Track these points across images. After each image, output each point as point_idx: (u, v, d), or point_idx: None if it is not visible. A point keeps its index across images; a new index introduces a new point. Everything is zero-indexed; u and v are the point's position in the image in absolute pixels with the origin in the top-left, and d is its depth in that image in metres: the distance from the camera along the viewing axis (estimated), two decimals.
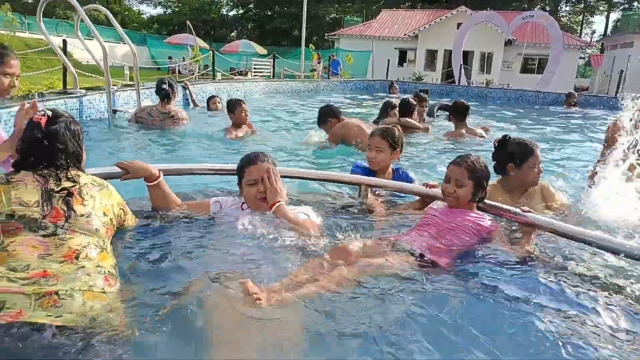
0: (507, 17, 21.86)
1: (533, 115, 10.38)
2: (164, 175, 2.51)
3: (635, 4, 42.77)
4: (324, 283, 1.86)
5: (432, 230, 2.34)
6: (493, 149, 2.95)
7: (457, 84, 17.54)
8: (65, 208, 1.81)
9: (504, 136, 2.96)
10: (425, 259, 2.13)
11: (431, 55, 30.12)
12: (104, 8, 6.16)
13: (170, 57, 23.57)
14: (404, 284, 1.90)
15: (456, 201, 2.43)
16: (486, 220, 2.40)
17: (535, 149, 2.85)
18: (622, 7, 43.68)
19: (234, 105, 5.48)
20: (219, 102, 7.31)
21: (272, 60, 14.15)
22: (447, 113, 6.52)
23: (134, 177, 2.45)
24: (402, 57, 31.41)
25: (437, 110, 7.73)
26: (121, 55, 17.81)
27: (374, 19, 35.52)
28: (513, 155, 2.82)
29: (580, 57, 34.18)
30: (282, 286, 1.80)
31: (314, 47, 19.67)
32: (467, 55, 26.97)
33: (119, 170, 2.43)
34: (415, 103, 6.07)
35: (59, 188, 1.85)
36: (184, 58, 21.97)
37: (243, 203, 2.44)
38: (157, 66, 20.38)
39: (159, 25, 48.77)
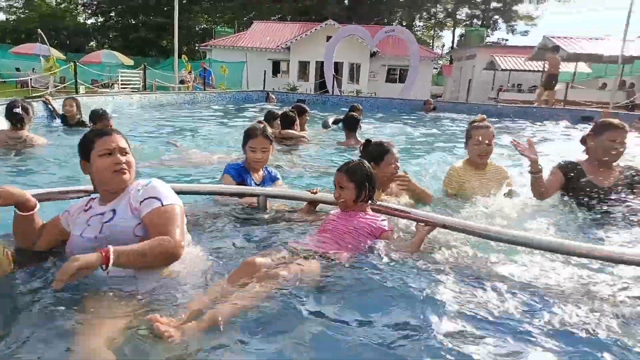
0: (371, 31, 23.49)
1: (404, 118, 11.37)
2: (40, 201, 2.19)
3: (475, 20, 48.96)
4: (238, 302, 1.80)
5: (332, 234, 2.47)
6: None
7: (330, 93, 18.30)
8: None
9: (367, 140, 3.37)
10: (329, 258, 2.21)
11: (303, 66, 31.06)
12: None
13: (18, 69, 20.99)
14: (313, 287, 1.95)
15: (344, 204, 2.60)
16: (380, 222, 2.55)
17: (391, 148, 3.26)
18: (464, 23, 49.68)
19: (97, 118, 5.06)
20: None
21: (142, 71, 13.34)
22: (340, 125, 6.89)
23: (5, 204, 2.01)
24: (276, 68, 31.89)
25: (332, 122, 8.07)
26: None
27: (245, 30, 35.56)
28: (373, 155, 3.20)
29: (434, 68, 38.01)
30: (192, 314, 1.70)
31: (187, 58, 19.00)
32: (337, 66, 28.33)
33: None
34: (294, 114, 6.21)
35: None
36: (33, 70, 19.71)
37: (90, 200, 2.16)
38: (1, 79, 17.89)
39: (1, 33, 43.14)
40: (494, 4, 48.25)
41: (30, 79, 14.83)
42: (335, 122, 8.06)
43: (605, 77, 23.95)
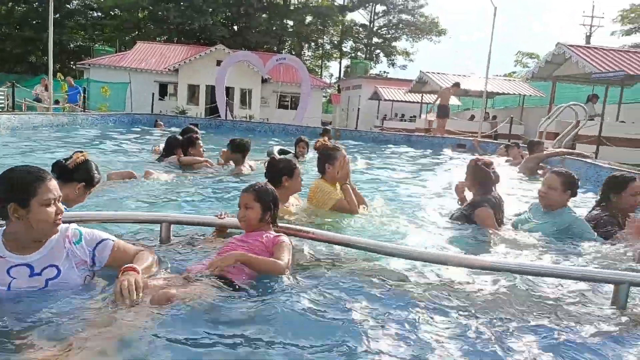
0: (262, 58, 23.77)
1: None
2: None
3: (359, 53, 52.16)
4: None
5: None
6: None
7: (224, 118, 18.03)
8: None
9: (272, 157, 3.81)
10: (226, 280, 2.19)
11: (192, 89, 30.29)
12: None
13: None
14: (213, 308, 1.94)
15: (248, 224, 2.61)
16: (278, 237, 2.55)
17: (297, 165, 3.67)
18: (349, 55, 52.68)
19: None
20: None
21: (10, 88, 11.89)
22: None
23: None
24: (163, 90, 30.70)
25: (277, 152, 7.75)
26: None
27: (128, 50, 33.78)
28: (282, 170, 3.52)
29: (324, 96, 39.58)
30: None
31: (63, 76, 17.37)
32: (228, 91, 28.08)
33: None
34: (180, 138, 5.97)
35: None
36: None
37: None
38: None
39: None
40: (375, 39, 51.95)
41: None
42: (282, 152, 7.73)
43: (472, 109, 26.93)
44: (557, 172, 3.63)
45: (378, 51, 52.89)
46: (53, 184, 1.95)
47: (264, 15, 46.93)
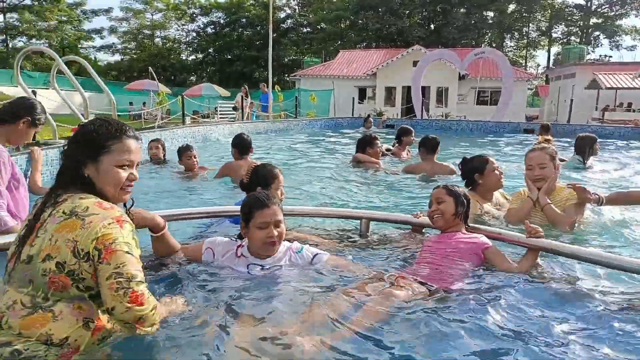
0: (459, 54, 23.06)
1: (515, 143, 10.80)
2: (168, 221, 2.46)
3: (573, 38, 46.12)
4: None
5: (429, 260, 2.46)
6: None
7: (419, 118, 18.14)
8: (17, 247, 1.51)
9: (464, 157, 3.72)
10: (432, 287, 2.21)
11: (389, 91, 31.17)
12: (81, 59, 6.12)
13: (131, 103, 23.38)
14: (417, 314, 1.96)
15: (442, 219, 2.61)
16: (480, 239, 2.53)
17: (490, 158, 3.57)
18: (560, 41, 46.99)
19: (180, 152, 5.43)
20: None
21: (241, 100, 14.27)
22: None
23: (139, 227, 2.25)
24: (362, 94, 32.35)
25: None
26: (78, 104, 17.39)
27: (332, 59, 36.60)
28: (473, 168, 3.53)
29: (528, 88, 36.22)
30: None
31: (279, 88, 19.95)
32: (424, 91, 28.05)
33: None
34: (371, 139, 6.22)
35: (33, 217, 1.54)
36: (144, 104, 21.78)
37: (238, 247, 2.41)
38: (118, 113, 20.04)
39: (117, 72, 48.47)
40: (593, 20, 45.19)
41: (143, 112, 16.49)
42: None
43: None
44: None
45: (597, 33, 45.82)
46: (270, 210, 2.30)
47: (461, 10, 45.33)
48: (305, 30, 52.66)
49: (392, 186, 5.10)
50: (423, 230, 3.00)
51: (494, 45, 44.85)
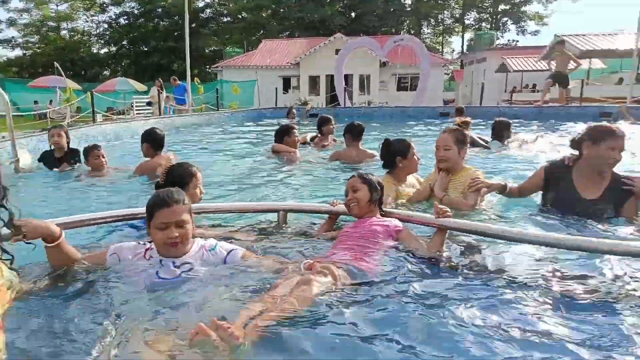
0: (379, 41, 23.56)
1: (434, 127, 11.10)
2: (65, 229, 2.24)
3: (484, 24, 48.81)
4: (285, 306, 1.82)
5: (346, 244, 2.49)
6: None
7: (342, 106, 18.34)
8: None
9: (386, 139, 3.71)
10: (350, 267, 2.20)
11: (314, 80, 31.28)
12: None
13: (36, 102, 21.53)
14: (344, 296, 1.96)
15: (357, 207, 2.69)
16: (394, 222, 2.63)
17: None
18: (473, 28, 49.56)
19: (86, 152, 5.10)
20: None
21: (156, 96, 13.58)
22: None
23: (31, 239, 2.07)
24: (286, 84, 32.23)
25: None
26: None
27: (255, 49, 36.04)
28: (396, 151, 3.56)
29: (445, 73, 37.92)
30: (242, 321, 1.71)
31: (199, 81, 19.28)
32: (347, 78, 28.44)
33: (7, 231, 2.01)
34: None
35: None
36: (50, 101, 20.15)
37: (147, 250, 2.26)
38: (19, 113, 18.25)
39: (18, 68, 44.54)
40: (502, 7, 48.07)
41: (49, 111, 15.21)
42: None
43: (621, 71, 23.53)
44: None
45: (505, 19, 48.87)
46: (170, 210, 2.16)
47: None
48: (225, 20, 51.34)
49: (314, 175, 5.07)
50: (339, 219, 2.98)
51: (412, 32, 46.39)
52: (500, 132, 6.55)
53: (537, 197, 3.39)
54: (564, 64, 13.00)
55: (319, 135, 7.35)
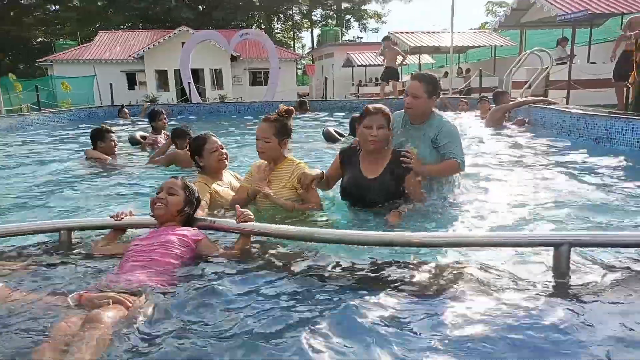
0: (227, 36, 22.99)
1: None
2: None
3: (330, 20, 51.01)
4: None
5: (137, 260, 2.17)
6: None
7: (190, 102, 17.52)
8: None
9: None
10: (136, 290, 1.94)
11: (162, 75, 29.49)
12: None
13: None
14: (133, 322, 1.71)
15: (164, 209, 2.42)
16: (190, 230, 2.41)
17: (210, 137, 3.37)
18: (320, 24, 51.49)
19: None
20: None
21: None
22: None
23: None
24: (132, 79, 29.89)
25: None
26: None
27: (90, 41, 32.68)
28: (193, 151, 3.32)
29: (298, 68, 38.81)
30: None
31: (14, 77, 16.68)
32: (198, 73, 27.37)
33: None
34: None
35: None
36: None
37: None
38: None
39: None
40: (345, 5, 50.70)
41: None
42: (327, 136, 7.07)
43: (447, 66, 26.48)
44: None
45: (349, 16, 51.74)
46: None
47: None
48: (53, 8, 45.58)
49: (133, 183, 4.53)
50: (128, 232, 2.63)
51: (263, 27, 46.46)
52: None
53: None
54: (393, 59, 14.09)
55: (151, 132, 6.80)
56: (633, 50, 7.11)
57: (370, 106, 3.00)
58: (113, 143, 5.34)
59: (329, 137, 7.04)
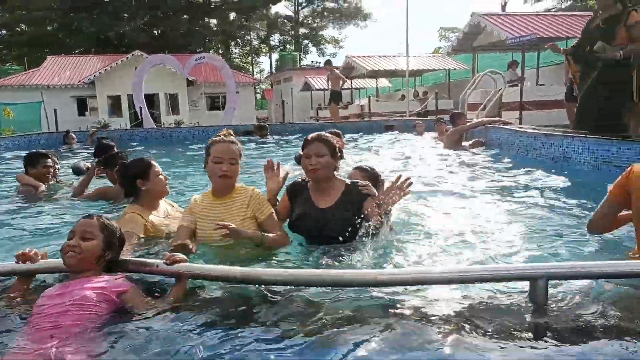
0: (182, 60, 22.59)
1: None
2: None
3: (288, 46, 51.46)
4: None
5: (44, 327, 1.76)
6: None
7: (143, 127, 16.89)
8: None
9: (121, 162, 3.27)
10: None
11: (115, 100, 28.59)
12: None
13: None
14: None
15: (77, 258, 1.98)
16: (116, 281, 2.00)
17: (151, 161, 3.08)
18: (278, 49, 51.84)
19: None
20: None
21: None
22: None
23: None
24: (83, 105, 28.82)
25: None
26: None
27: (38, 67, 31.42)
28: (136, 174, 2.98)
29: (257, 92, 38.66)
30: None
31: None
32: (153, 98, 26.69)
33: None
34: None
35: None
36: None
37: None
38: None
39: None
40: (302, 30, 51.36)
41: None
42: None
43: (403, 89, 27.01)
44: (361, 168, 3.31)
45: (306, 42, 52.37)
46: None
47: (184, 17, 45.12)
48: (2, 32, 43.79)
49: (56, 215, 4.02)
50: (34, 279, 2.22)
51: (220, 52, 46.25)
52: None
53: None
54: (336, 82, 14.35)
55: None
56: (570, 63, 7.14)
57: (309, 135, 2.84)
58: (46, 169, 4.80)
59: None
